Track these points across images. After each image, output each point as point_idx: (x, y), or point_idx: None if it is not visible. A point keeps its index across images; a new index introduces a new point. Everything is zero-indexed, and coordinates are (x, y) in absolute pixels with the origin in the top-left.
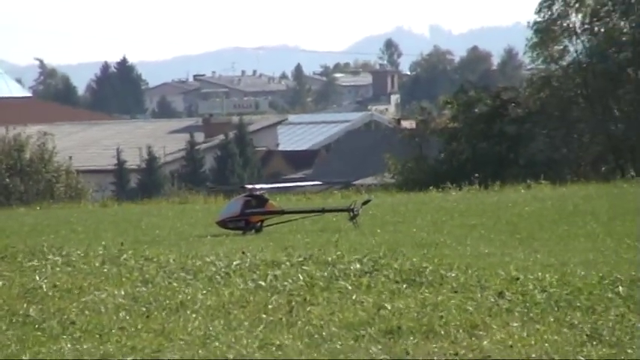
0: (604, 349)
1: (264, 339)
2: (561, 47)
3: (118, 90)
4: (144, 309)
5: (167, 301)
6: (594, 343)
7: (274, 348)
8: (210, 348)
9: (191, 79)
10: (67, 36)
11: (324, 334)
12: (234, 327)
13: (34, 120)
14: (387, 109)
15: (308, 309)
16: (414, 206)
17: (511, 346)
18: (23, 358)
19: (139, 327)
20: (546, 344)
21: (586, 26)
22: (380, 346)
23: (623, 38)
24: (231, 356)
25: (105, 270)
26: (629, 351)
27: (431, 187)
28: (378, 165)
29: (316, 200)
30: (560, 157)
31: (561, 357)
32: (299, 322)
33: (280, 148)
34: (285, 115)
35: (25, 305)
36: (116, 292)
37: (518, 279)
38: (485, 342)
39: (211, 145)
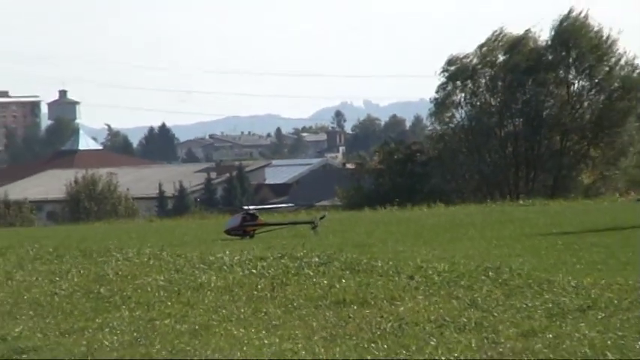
0: (478, 313)
1: (255, 308)
2: (450, 114)
3: (159, 144)
4: (175, 289)
5: (191, 283)
6: (472, 309)
7: (262, 314)
8: (220, 314)
9: (207, 137)
10: (125, 108)
11: (295, 304)
12: (236, 300)
13: (104, 165)
14: (337, 156)
15: (285, 288)
16: (354, 220)
17: (418, 312)
18: (97, 321)
19: (173, 300)
20: (441, 310)
21: (467, 101)
22: (332, 312)
23: (492, 109)
24: (234, 319)
25: (150, 263)
26: (495, 314)
27: (365, 208)
28: (331, 193)
29: (289, 216)
30: (451, 187)
31: (451, 319)
32: (278, 297)
33: (267, 182)
34: (270, 161)
35: (97, 286)
36: (157, 277)
37: (422, 267)
38: (401, 309)
39: (221, 180)
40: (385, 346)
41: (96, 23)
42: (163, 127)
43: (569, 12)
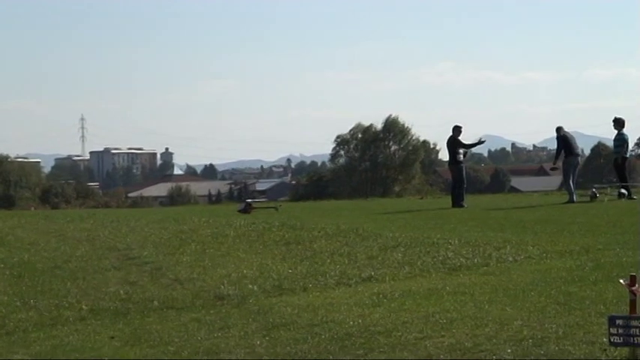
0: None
1: (249, 245)
2: (338, 160)
3: (211, 172)
4: (218, 236)
5: (221, 234)
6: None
7: (253, 248)
8: (233, 247)
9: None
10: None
11: (267, 244)
12: (242, 241)
13: (185, 181)
14: (288, 177)
15: (263, 236)
16: (299, 207)
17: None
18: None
19: (217, 241)
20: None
21: (346, 154)
22: (284, 247)
23: (356, 157)
24: (240, 250)
25: (205, 224)
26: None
27: (300, 201)
28: (286, 194)
29: (266, 203)
30: (338, 192)
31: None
32: (260, 240)
33: (257, 189)
34: (258, 179)
35: (183, 235)
36: (209, 231)
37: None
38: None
39: (237, 187)
40: (314, 261)
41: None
42: (211, 166)
43: (390, 116)
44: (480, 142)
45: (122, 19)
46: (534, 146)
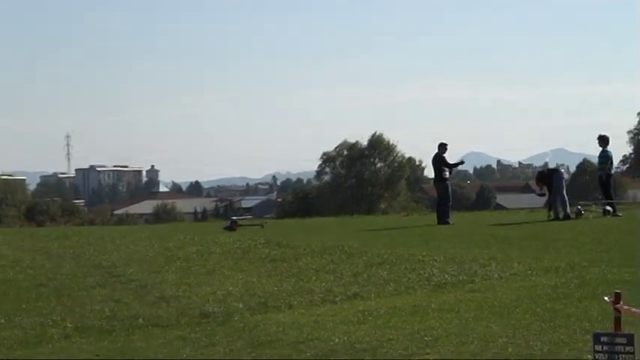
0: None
1: (235, 262)
2: (323, 177)
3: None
4: (202, 254)
5: (206, 251)
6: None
7: (238, 265)
8: (218, 264)
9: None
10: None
11: (252, 260)
12: (227, 258)
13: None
14: (274, 195)
15: (249, 253)
16: (281, 224)
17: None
18: (165, 267)
19: (202, 259)
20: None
21: (332, 171)
22: (270, 265)
23: (342, 174)
24: (225, 267)
25: (191, 242)
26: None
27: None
28: (272, 212)
29: (252, 221)
30: (325, 209)
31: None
32: (246, 257)
33: (242, 206)
34: (244, 197)
35: (168, 249)
36: (194, 249)
37: (310, 245)
38: (300, 263)
39: (223, 205)
40: (296, 279)
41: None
42: (197, 183)
43: (375, 133)
44: (461, 163)
45: (107, 36)
46: (520, 163)
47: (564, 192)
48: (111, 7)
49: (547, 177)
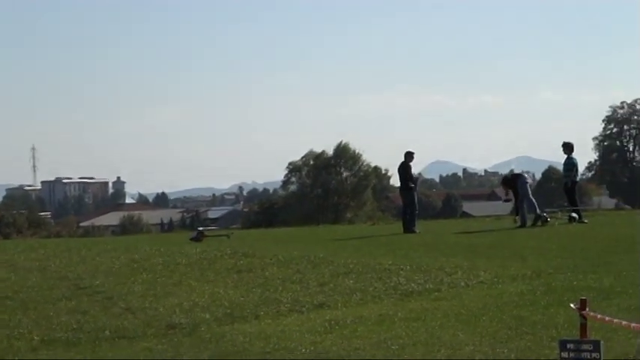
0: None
1: (201, 273)
2: (289, 187)
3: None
4: (169, 265)
5: (172, 262)
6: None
7: (204, 276)
8: (185, 275)
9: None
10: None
11: (219, 271)
12: (193, 270)
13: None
14: (240, 205)
15: (215, 264)
16: (247, 234)
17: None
18: (131, 279)
19: (169, 269)
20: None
21: (298, 181)
22: (236, 275)
23: (308, 184)
24: (191, 278)
25: (158, 253)
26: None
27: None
28: (238, 222)
29: (218, 231)
30: (290, 219)
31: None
32: (212, 268)
33: (209, 216)
34: (210, 207)
35: (139, 263)
36: (161, 260)
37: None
38: (266, 273)
39: (189, 215)
40: (262, 289)
41: None
42: (163, 194)
43: (341, 142)
44: (417, 179)
45: (71, 47)
46: (485, 171)
47: (530, 195)
48: (78, 19)
49: (511, 181)
